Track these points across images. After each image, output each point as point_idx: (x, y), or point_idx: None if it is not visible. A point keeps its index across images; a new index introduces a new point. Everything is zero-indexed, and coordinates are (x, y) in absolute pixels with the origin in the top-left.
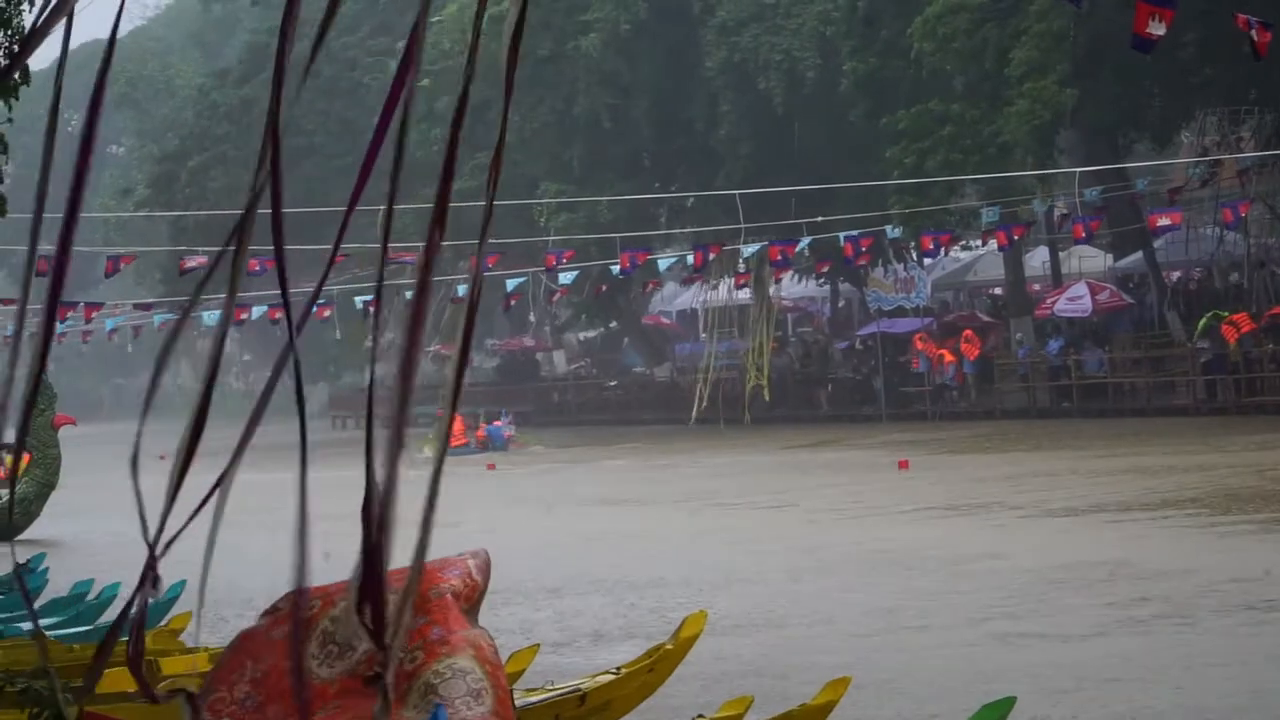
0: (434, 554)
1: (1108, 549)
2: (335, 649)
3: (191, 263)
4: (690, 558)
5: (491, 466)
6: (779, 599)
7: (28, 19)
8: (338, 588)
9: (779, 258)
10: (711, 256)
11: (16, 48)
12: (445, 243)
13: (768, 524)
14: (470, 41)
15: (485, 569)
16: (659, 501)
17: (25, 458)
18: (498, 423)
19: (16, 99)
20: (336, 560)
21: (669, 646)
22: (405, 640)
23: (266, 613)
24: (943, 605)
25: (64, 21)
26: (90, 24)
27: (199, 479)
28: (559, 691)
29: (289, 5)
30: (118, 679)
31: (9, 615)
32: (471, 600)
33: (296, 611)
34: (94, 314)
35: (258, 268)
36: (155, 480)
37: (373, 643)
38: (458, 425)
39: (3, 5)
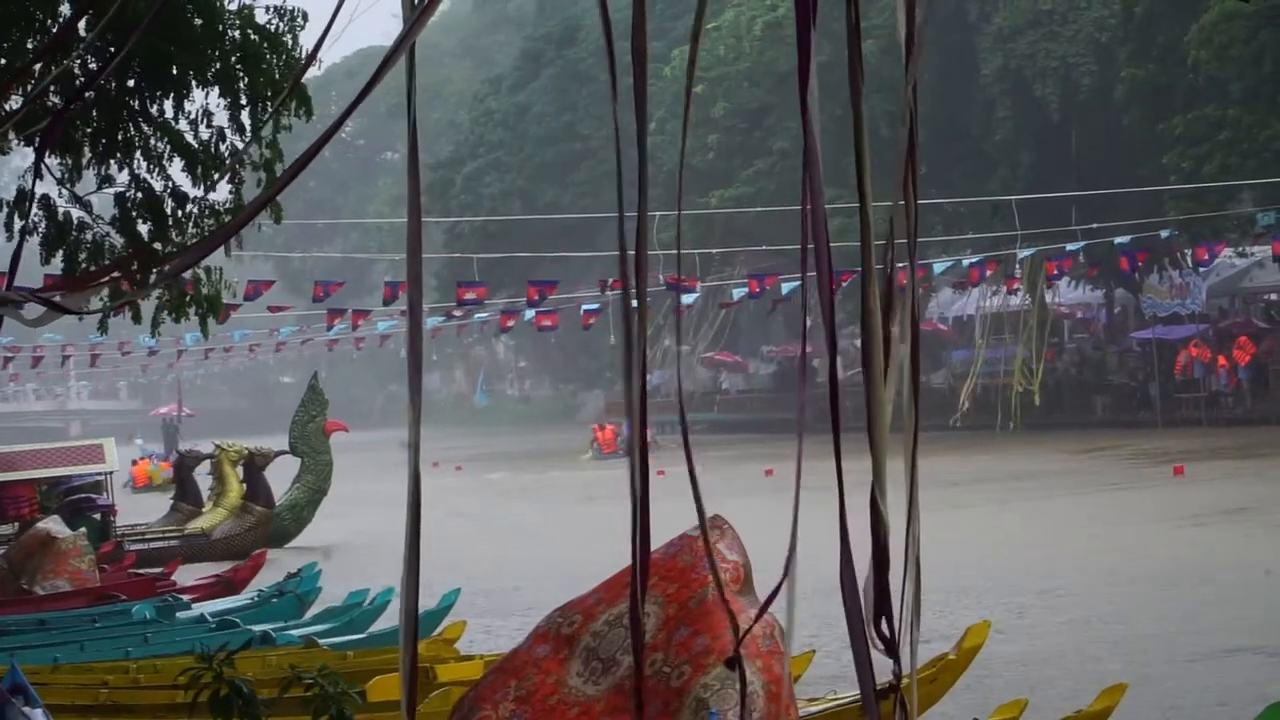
0: None
1: None
2: (599, 665)
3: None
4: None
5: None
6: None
7: (304, 38)
8: (597, 602)
9: (1055, 271)
10: (982, 260)
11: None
12: (717, 250)
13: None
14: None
15: (735, 541)
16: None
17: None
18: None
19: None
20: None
21: (952, 656)
22: (671, 655)
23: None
24: (1218, 617)
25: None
26: (363, 32)
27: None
28: (842, 701)
29: None
30: (390, 686)
31: (284, 624)
32: (740, 580)
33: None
34: (360, 321)
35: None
36: (433, 482)
37: (888, 655)
38: (610, 434)
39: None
